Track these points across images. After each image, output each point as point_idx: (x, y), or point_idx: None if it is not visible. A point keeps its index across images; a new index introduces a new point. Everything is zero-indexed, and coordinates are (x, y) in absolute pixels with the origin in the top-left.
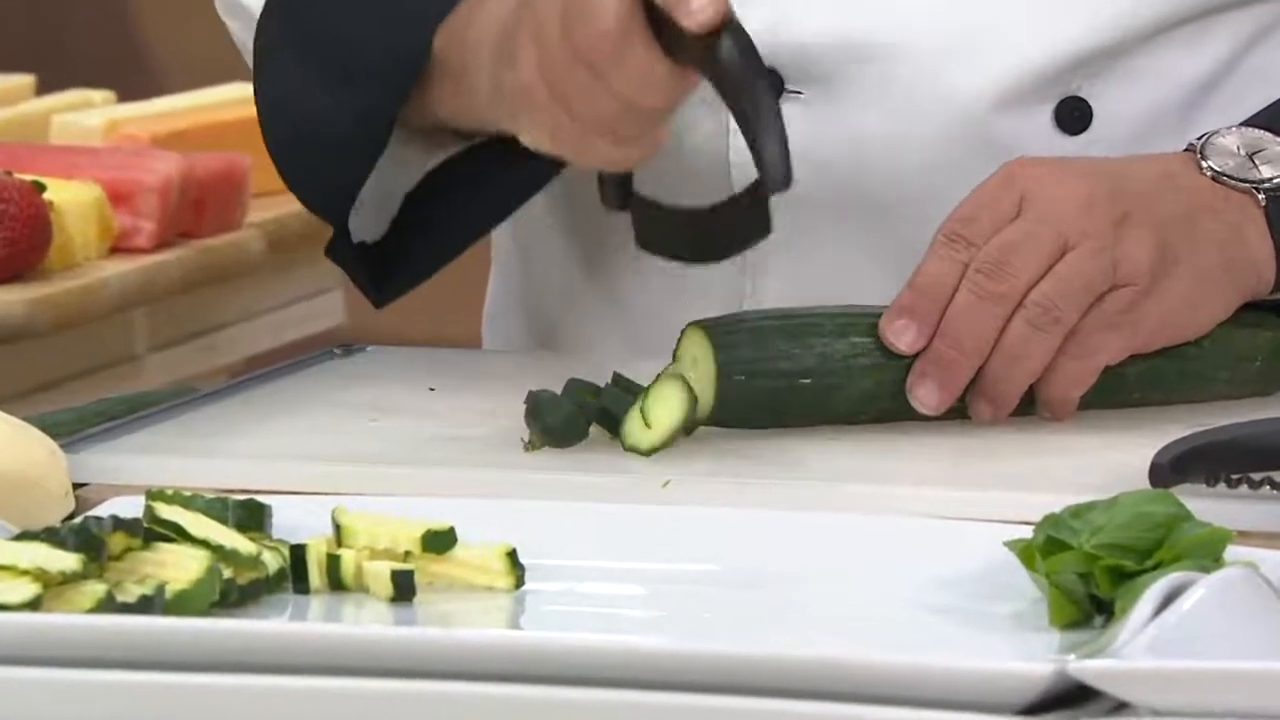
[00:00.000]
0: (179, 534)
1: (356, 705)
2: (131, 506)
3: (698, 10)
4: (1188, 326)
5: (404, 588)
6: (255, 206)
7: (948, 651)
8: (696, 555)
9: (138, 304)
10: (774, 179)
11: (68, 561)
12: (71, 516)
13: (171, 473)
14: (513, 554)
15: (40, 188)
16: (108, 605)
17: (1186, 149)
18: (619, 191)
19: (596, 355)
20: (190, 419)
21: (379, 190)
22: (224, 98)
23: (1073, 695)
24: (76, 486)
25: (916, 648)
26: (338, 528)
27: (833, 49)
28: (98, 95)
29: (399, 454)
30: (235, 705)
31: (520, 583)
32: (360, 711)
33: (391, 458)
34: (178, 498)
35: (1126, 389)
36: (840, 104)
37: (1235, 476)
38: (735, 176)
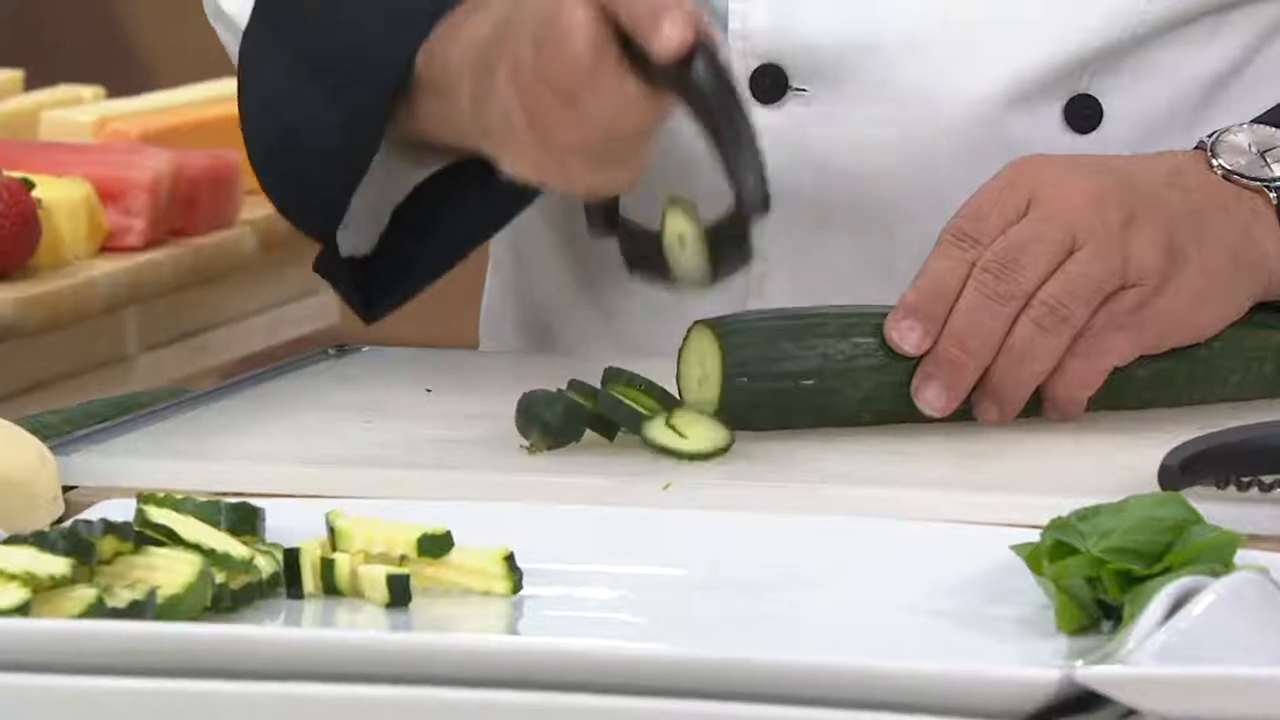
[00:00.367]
0: (170, 538)
1: (352, 712)
2: (122, 510)
3: (667, 38)
4: (1197, 327)
5: (400, 592)
6: (248, 204)
7: (953, 657)
8: (697, 560)
9: (128, 303)
10: (751, 204)
11: (57, 566)
12: (61, 520)
13: (163, 475)
14: (510, 558)
15: (29, 185)
16: (98, 610)
17: (1197, 147)
18: (605, 217)
19: (595, 356)
20: (182, 421)
21: (368, 204)
22: (215, 93)
23: (1080, 702)
24: (66, 489)
25: (921, 653)
26: (332, 531)
27: (838, 46)
28: (87, 91)
29: (395, 456)
30: (228, 713)
31: (518, 587)
32: (356, 719)
33: (387, 460)
34: (169, 501)
35: (1135, 390)
36: (846, 101)
37: (1246, 479)
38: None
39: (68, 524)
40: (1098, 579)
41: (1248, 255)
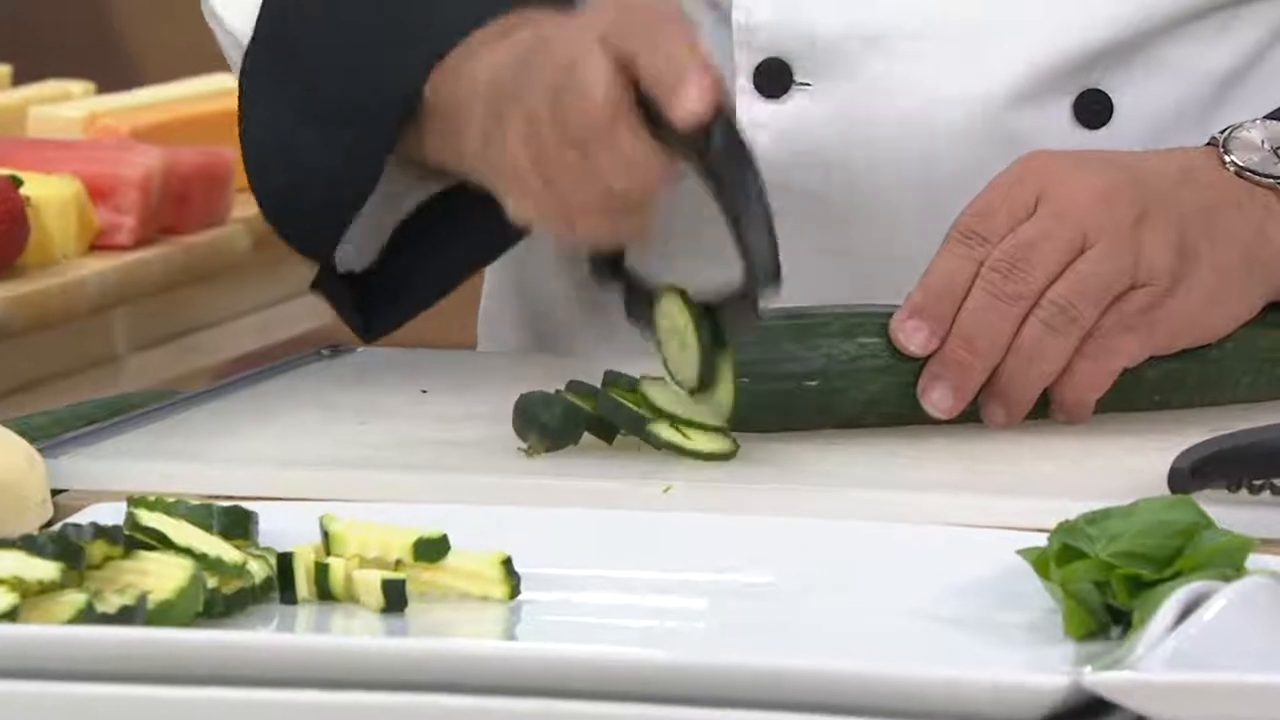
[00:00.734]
0: (161, 542)
1: (346, 719)
2: (112, 513)
3: (689, 107)
4: (1209, 327)
5: (395, 598)
6: (240, 202)
7: (959, 663)
8: (697, 564)
9: (118, 303)
10: (760, 277)
11: (46, 570)
12: (50, 524)
13: (154, 478)
14: (508, 562)
15: (17, 182)
16: (87, 616)
17: (1209, 143)
18: (608, 267)
19: (594, 356)
20: (173, 422)
21: (369, 221)
22: (207, 89)
23: (1088, 708)
24: (55, 493)
25: (927, 659)
26: (326, 535)
27: (845, 39)
28: (76, 86)
29: (390, 459)
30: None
31: (515, 592)
32: None
33: (382, 462)
34: (160, 504)
35: (1145, 392)
36: (852, 96)
37: (1258, 482)
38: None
39: (57, 528)
40: (1106, 584)
41: (1261, 254)
